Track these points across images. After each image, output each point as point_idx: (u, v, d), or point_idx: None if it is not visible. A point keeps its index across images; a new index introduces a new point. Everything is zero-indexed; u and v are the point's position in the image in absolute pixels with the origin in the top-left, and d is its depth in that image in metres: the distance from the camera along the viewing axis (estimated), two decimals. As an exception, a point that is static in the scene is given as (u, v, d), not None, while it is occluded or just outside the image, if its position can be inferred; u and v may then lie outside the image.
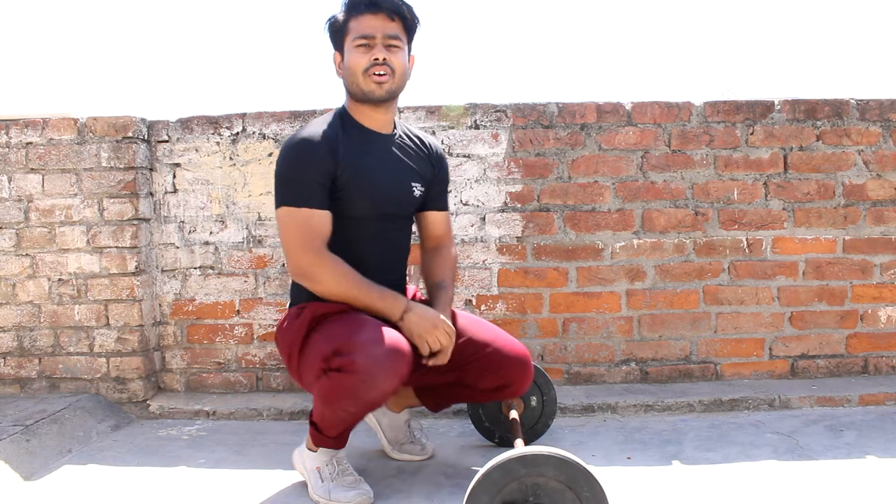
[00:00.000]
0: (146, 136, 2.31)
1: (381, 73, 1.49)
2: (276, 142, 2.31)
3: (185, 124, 2.32)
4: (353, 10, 1.51)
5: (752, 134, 2.31)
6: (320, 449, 1.55)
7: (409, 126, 1.74)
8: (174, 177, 2.33)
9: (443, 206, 1.74)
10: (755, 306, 2.33)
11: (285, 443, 1.95)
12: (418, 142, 1.68)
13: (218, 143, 2.32)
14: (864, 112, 2.30)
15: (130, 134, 2.23)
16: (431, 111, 2.29)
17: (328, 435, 1.51)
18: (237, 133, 2.31)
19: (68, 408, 2.09)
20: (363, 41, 1.49)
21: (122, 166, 2.24)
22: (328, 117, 1.58)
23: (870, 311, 2.34)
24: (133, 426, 2.16)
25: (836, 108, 2.30)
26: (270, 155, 2.31)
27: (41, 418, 1.97)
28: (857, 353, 2.35)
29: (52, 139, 2.25)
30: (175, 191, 2.34)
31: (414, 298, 1.71)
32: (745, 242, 2.32)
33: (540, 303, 2.32)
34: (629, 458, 1.78)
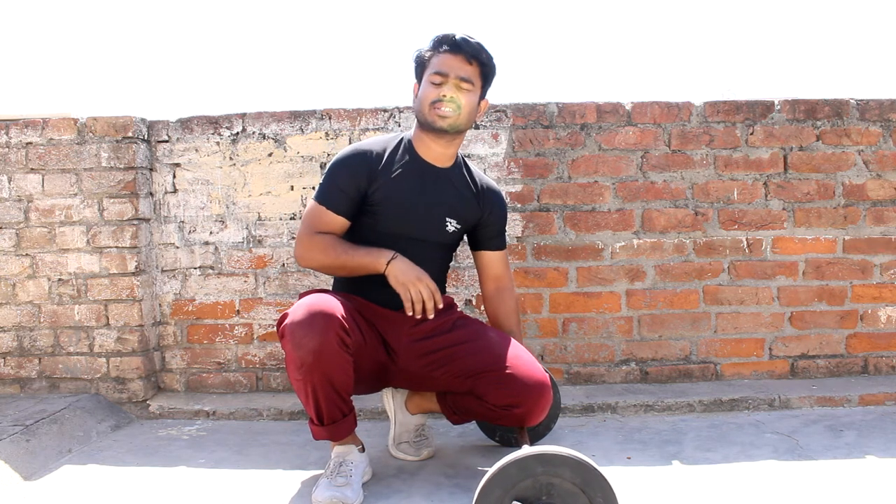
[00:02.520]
0: (146, 136, 2.31)
1: (446, 108, 1.58)
2: (276, 142, 2.31)
3: (185, 124, 2.32)
4: (437, 47, 1.61)
5: (752, 134, 2.31)
6: (335, 446, 1.58)
7: (473, 168, 1.79)
8: (174, 177, 2.33)
9: (498, 246, 1.80)
10: (755, 306, 2.33)
11: (285, 443, 1.95)
12: (470, 183, 1.74)
13: (218, 143, 2.32)
14: (864, 112, 2.30)
15: (130, 134, 2.23)
16: (431, 111, 2.29)
17: (314, 421, 1.54)
18: (237, 133, 2.31)
19: (68, 408, 2.09)
20: (438, 77, 1.58)
21: (122, 166, 2.24)
22: (391, 138, 1.71)
23: (870, 311, 2.34)
24: (133, 426, 2.16)
25: (836, 108, 2.30)
26: (270, 155, 2.31)
27: (41, 418, 1.97)
28: (857, 353, 2.35)
29: (52, 139, 2.25)
30: (175, 191, 2.34)
31: (451, 307, 1.76)
32: (745, 242, 2.32)
33: (540, 303, 2.32)
34: (629, 458, 1.78)
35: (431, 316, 1.55)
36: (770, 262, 2.33)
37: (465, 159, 1.79)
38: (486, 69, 1.62)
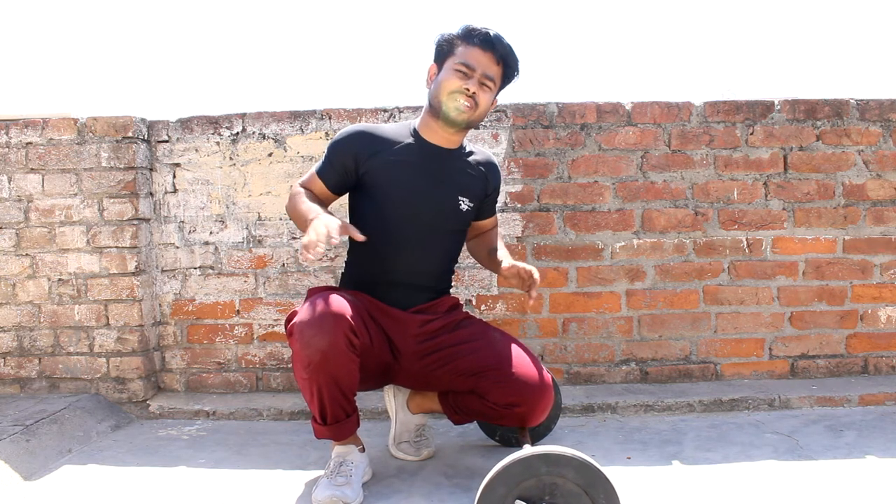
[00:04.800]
0: (146, 136, 2.31)
1: (466, 103, 1.57)
2: (276, 142, 2.31)
3: (185, 124, 2.32)
4: (467, 38, 1.58)
5: (752, 134, 2.31)
6: (336, 446, 1.58)
7: (474, 145, 1.80)
8: (174, 177, 2.33)
9: (490, 214, 1.84)
10: (755, 306, 2.33)
11: (285, 443, 1.95)
12: (475, 160, 1.75)
13: (218, 143, 2.32)
14: (864, 112, 2.30)
15: (130, 134, 2.23)
16: (431, 111, 2.29)
17: (317, 420, 1.54)
18: (237, 133, 2.31)
19: (68, 408, 2.09)
20: (464, 68, 1.57)
21: (122, 166, 2.24)
22: (397, 124, 1.72)
23: (870, 311, 2.34)
24: (133, 426, 2.16)
25: (836, 108, 2.30)
26: (270, 155, 2.31)
27: (41, 418, 1.97)
28: (857, 353, 2.35)
29: (52, 139, 2.25)
30: (175, 191, 2.34)
31: (455, 307, 1.75)
32: (745, 242, 2.32)
33: (540, 303, 2.32)
34: (629, 458, 1.78)
35: (318, 249, 1.36)
36: (770, 262, 2.33)
37: (467, 142, 1.80)
38: (508, 72, 1.63)
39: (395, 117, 2.29)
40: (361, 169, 1.62)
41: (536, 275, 1.59)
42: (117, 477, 1.72)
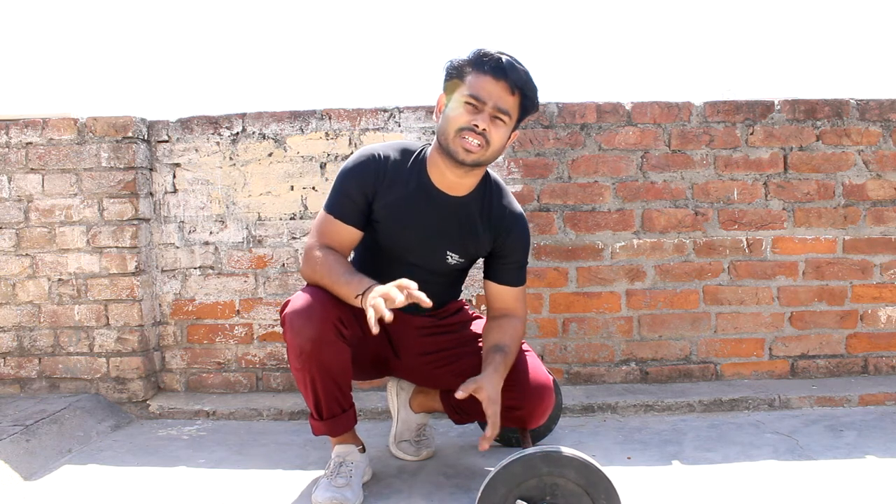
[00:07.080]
0: (146, 136, 2.31)
1: (475, 141, 1.40)
2: (276, 142, 2.31)
3: (185, 124, 2.32)
4: (478, 65, 1.41)
5: (752, 134, 2.31)
6: (336, 446, 1.58)
7: (503, 192, 1.60)
8: (174, 177, 2.33)
9: (507, 281, 1.59)
10: (755, 306, 2.33)
11: (285, 443, 1.95)
12: (487, 214, 1.56)
13: (218, 143, 2.32)
14: (864, 112, 2.30)
15: (130, 134, 2.23)
16: (431, 111, 2.29)
17: (314, 415, 1.53)
18: (237, 133, 2.31)
19: (68, 408, 2.09)
20: (473, 101, 1.39)
21: (122, 166, 2.24)
22: (406, 150, 1.55)
23: (870, 311, 2.34)
24: (133, 426, 2.16)
25: (836, 108, 2.30)
26: (270, 155, 2.31)
27: (41, 418, 1.97)
28: (857, 353, 2.35)
29: (52, 139, 2.25)
30: (175, 191, 2.34)
31: (461, 309, 1.73)
32: (745, 242, 2.32)
33: (540, 303, 2.32)
34: (629, 458, 1.78)
35: (385, 317, 1.27)
36: (770, 262, 2.33)
37: (497, 181, 1.60)
38: (527, 102, 1.45)
39: (394, 117, 2.29)
40: (376, 201, 1.52)
41: (496, 418, 1.37)
42: (117, 477, 1.72)
